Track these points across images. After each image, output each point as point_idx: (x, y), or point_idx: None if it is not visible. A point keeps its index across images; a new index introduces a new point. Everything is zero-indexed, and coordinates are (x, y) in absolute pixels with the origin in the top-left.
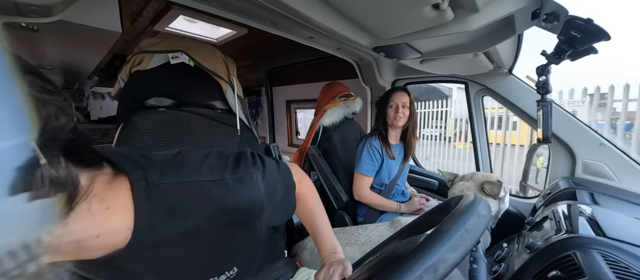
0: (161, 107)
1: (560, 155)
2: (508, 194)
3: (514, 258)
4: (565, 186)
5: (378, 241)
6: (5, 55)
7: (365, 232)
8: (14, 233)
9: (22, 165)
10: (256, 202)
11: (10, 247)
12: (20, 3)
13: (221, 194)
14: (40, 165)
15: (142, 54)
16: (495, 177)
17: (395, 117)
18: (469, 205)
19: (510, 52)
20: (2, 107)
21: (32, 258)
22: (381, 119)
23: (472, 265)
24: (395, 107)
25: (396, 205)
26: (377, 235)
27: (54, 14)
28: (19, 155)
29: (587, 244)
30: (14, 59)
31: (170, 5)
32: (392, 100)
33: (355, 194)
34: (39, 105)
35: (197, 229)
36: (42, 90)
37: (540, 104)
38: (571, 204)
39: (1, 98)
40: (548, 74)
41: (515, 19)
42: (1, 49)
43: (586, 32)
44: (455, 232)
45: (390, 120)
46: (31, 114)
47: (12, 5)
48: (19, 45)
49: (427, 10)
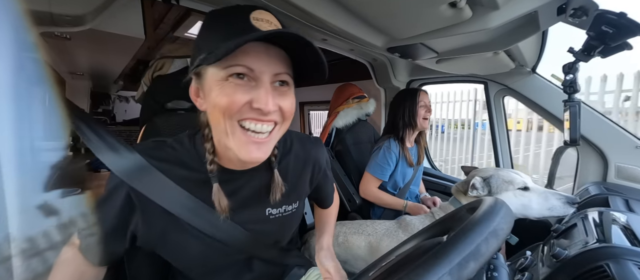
0: (180, 109)
1: (590, 158)
2: (526, 192)
3: (538, 267)
4: (596, 192)
5: (384, 234)
6: (42, 65)
7: (373, 225)
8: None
9: (56, 163)
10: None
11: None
12: (55, 14)
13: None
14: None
15: (164, 59)
16: (492, 171)
17: (426, 115)
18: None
19: (533, 49)
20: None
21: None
22: (407, 120)
23: (492, 273)
24: (426, 107)
25: (403, 203)
26: (383, 229)
27: (85, 23)
28: (53, 154)
29: (622, 254)
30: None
31: (190, 11)
32: (422, 101)
33: (361, 191)
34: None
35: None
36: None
37: (568, 104)
38: (603, 211)
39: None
40: (576, 72)
41: (539, 15)
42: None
43: (619, 27)
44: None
45: (420, 120)
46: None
47: (48, 16)
48: (53, 53)
49: (444, 8)
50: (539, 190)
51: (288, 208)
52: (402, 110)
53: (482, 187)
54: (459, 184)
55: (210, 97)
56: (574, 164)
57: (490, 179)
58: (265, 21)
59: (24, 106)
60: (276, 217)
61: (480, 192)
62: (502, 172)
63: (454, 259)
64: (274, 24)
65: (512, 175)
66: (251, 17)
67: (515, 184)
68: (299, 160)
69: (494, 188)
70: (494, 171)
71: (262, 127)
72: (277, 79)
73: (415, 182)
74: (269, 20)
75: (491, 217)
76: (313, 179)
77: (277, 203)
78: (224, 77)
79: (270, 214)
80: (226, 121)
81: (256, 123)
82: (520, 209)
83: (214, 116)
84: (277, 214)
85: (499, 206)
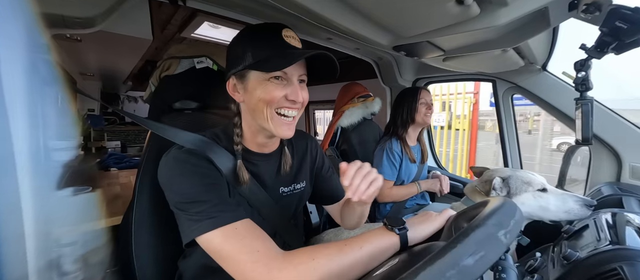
0: (187, 109)
1: (603, 158)
2: (545, 194)
3: (548, 269)
4: (610, 192)
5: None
6: (55, 67)
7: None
8: (63, 224)
9: (68, 163)
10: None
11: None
12: (66, 16)
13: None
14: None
15: (171, 59)
16: (510, 172)
17: (427, 113)
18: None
19: (544, 46)
20: (53, 111)
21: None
22: (405, 118)
23: (500, 274)
24: (427, 105)
25: (416, 187)
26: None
27: (96, 25)
28: (65, 154)
29: (636, 257)
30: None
31: (196, 12)
32: (423, 98)
33: (378, 197)
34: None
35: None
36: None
37: (580, 102)
38: (617, 212)
39: (52, 104)
40: (588, 70)
41: (549, 11)
42: (51, 60)
43: (634, 23)
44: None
45: (421, 117)
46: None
47: (60, 19)
48: (64, 55)
49: (451, 5)
50: (556, 191)
51: (297, 186)
52: (402, 108)
53: (500, 188)
54: (476, 184)
55: (255, 92)
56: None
57: (509, 180)
58: (292, 38)
59: (38, 106)
60: (288, 194)
61: (498, 193)
62: (520, 173)
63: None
64: (297, 39)
65: (530, 176)
66: (283, 35)
67: (533, 185)
68: (298, 145)
69: (513, 189)
70: (511, 171)
71: (292, 113)
72: (300, 78)
73: (422, 179)
74: (294, 37)
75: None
76: (313, 160)
77: (287, 181)
78: (267, 78)
79: (283, 192)
80: (267, 109)
81: (288, 110)
82: (537, 210)
83: (257, 106)
84: (288, 191)
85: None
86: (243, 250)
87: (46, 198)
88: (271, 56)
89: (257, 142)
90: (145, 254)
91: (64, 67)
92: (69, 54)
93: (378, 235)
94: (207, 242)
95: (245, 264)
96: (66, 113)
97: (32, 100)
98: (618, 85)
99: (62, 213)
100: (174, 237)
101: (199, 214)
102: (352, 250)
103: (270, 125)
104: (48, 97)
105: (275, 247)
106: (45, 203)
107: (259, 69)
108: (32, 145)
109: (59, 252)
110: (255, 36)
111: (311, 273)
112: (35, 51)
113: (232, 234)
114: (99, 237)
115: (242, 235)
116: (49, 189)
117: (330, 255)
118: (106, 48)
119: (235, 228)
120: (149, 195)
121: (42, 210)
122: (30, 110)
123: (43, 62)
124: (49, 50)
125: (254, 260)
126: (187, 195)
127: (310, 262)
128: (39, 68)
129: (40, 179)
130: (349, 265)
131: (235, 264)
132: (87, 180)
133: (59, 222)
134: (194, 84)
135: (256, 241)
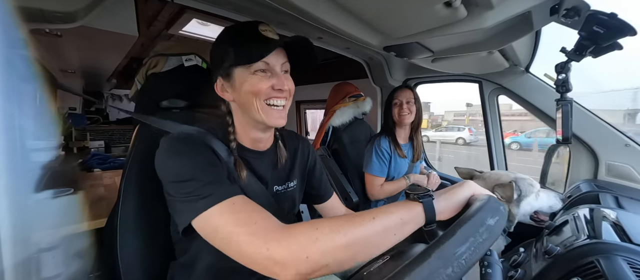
0: (175, 108)
1: (582, 156)
2: (539, 192)
3: (531, 263)
4: (587, 189)
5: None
6: (33, 63)
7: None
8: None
9: (47, 163)
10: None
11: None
12: (46, 10)
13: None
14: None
15: (158, 57)
16: (512, 175)
17: (400, 114)
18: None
19: (527, 49)
20: (31, 109)
21: None
22: (389, 118)
23: (486, 269)
24: (400, 104)
25: (405, 180)
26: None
27: (77, 20)
28: (44, 154)
29: (612, 250)
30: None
31: (184, 9)
32: (396, 98)
33: (370, 195)
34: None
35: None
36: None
37: (560, 103)
38: (594, 208)
39: (29, 102)
40: (568, 72)
41: (532, 15)
42: (30, 57)
43: (610, 28)
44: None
45: (396, 117)
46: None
47: (39, 13)
48: (43, 51)
49: (439, 8)
50: (546, 190)
51: (290, 184)
52: (386, 109)
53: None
54: (496, 189)
55: (243, 87)
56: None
57: (519, 183)
58: (269, 31)
59: (14, 104)
60: (282, 192)
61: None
62: (519, 176)
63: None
64: (274, 32)
65: (530, 179)
66: (260, 29)
67: (535, 186)
68: (290, 143)
69: (524, 191)
70: (513, 174)
71: (281, 102)
72: (283, 68)
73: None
74: (271, 30)
75: None
76: (305, 160)
77: (281, 179)
78: (251, 72)
79: (277, 190)
80: (257, 101)
81: (277, 99)
82: (534, 208)
83: (247, 100)
84: (282, 190)
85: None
86: (239, 222)
87: (24, 201)
88: (250, 49)
89: (251, 138)
90: (131, 257)
91: (43, 63)
92: (49, 49)
93: (398, 205)
94: (204, 221)
95: (241, 236)
96: (45, 111)
97: (8, 98)
98: (595, 81)
99: (41, 216)
100: (161, 239)
101: (193, 193)
102: (362, 221)
103: (262, 116)
104: (25, 94)
105: (274, 219)
106: (22, 206)
107: (241, 63)
108: (7, 146)
109: (38, 257)
110: (234, 35)
111: (312, 243)
112: (12, 46)
113: (228, 209)
114: (82, 240)
115: (238, 210)
116: (27, 192)
117: (336, 225)
118: (88, 44)
119: (232, 203)
120: (135, 196)
121: (19, 214)
122: (6, 108)
123: (20, 58)
124: (27, 45)
125: (250, 232)
126: (183, 174)
127: (312, 232)
128: (15, 64)
129: (17, 181)
130: (359, 238)
131: (232, 238)
132: (68, 182)
133: (38, 225)
134: (182, 82)
135: (253, 213)
